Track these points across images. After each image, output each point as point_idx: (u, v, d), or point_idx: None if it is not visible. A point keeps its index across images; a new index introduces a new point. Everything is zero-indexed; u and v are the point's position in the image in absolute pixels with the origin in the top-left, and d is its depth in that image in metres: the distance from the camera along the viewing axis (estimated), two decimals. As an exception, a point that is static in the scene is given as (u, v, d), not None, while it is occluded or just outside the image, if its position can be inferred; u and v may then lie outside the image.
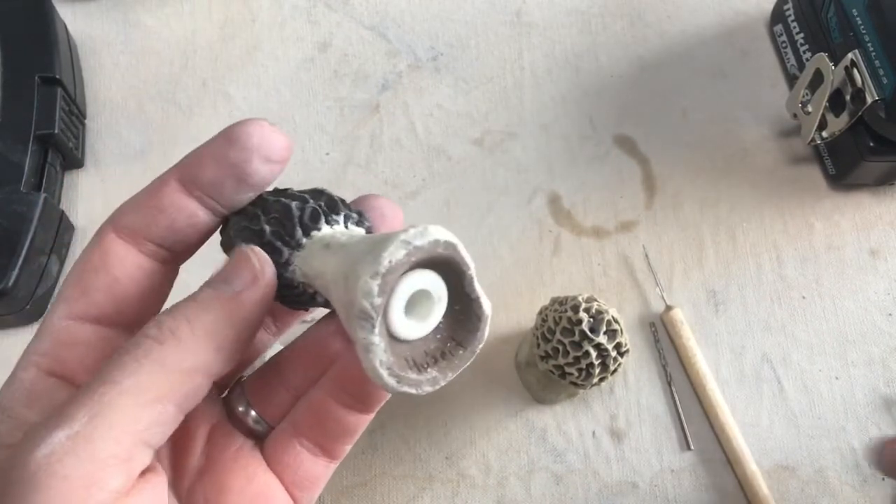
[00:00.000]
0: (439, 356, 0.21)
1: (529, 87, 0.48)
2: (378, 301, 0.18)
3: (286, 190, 0.23)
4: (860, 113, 0.39)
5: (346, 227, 0.22)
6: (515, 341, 0.41)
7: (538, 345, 0.36)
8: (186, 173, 0.22)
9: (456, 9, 0.50)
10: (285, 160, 0.22)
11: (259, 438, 0.24)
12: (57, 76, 0.43)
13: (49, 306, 0.22)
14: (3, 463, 0.18)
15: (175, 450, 0.23)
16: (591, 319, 0.34)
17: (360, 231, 0.23)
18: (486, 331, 0.21)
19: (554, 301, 0.37)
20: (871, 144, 0.40)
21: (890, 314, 0.42)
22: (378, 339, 0.19)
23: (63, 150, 0.43)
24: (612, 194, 0.45)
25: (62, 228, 0.42)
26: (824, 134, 0.42)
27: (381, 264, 0.18)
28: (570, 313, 0.34)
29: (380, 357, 0.19)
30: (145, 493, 0.18)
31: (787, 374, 0.41)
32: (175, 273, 0.24)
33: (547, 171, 0.45)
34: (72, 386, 0.21)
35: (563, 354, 0.34)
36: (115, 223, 0.22)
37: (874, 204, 0.45)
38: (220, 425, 0.24)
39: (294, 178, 0.45)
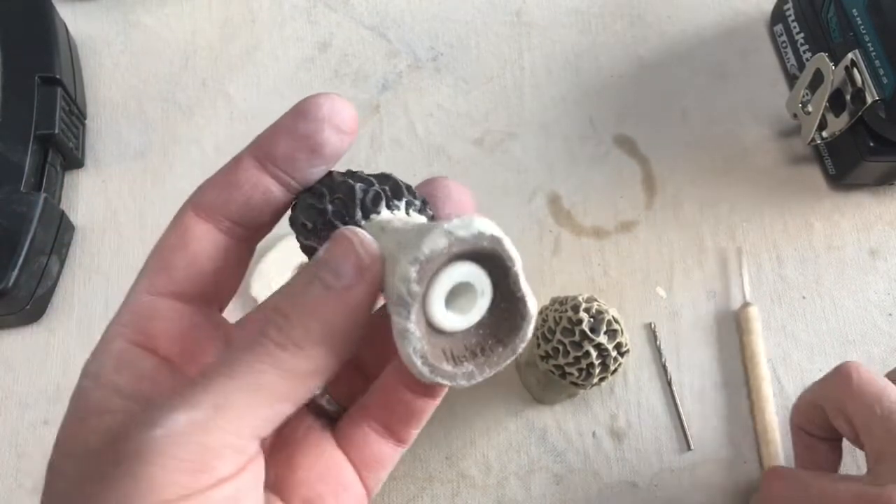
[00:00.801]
0: (479, 351, 0.21)
1: (529, 87, 0.48)
2: (415, 288, 0.19)
3: (356, 172, 0.23)
4: (860, 113, 0.39)
5: (408, 213, 0.22)
6: (515, 341, 0.41)
7: (538, 345, 0.36)
8: (261, 150, 0.23)
9: (456, 9, 0.50)
10: (355, 131, 0.22)
11: (330, 419, 0.25)
12: (57, 76, 0.43)
13: (133, 284, 0.23)
14: (117, 429, 0.19)
15: None
16: (592, 319, 0.34)
17: (422, 219, 0.22)
18: (530, 331, 0.21)
19: (554, 301, 0.37)
20: (871, 144, 0.40)
21: (890, 314, 0.42)
22: (413, 327, 0.19)
23: (63, 150, 0.43)
24: (612, 194, 0.45)
25: (62, 228, 0.42)
26: (824, 134, 0.42)
27: (420, 251, 0.18)
28: (570, 313, 0.34)
29: (414, 345, 0.19)
30: (245, 477, 0.19)
31: (788, 374, 0.41)
32: (251, 251, 0.24)
33: (547, 171, 0.45)
34: (155, 355, 0.22)
35: (564, 354, 0.34)
36: (195, 202, 0.23)
37: (874, 204, 0.45)
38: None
39: (294, 178, 0.45)
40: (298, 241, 0.23)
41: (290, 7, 0.50)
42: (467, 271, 0.20)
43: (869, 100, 0.39)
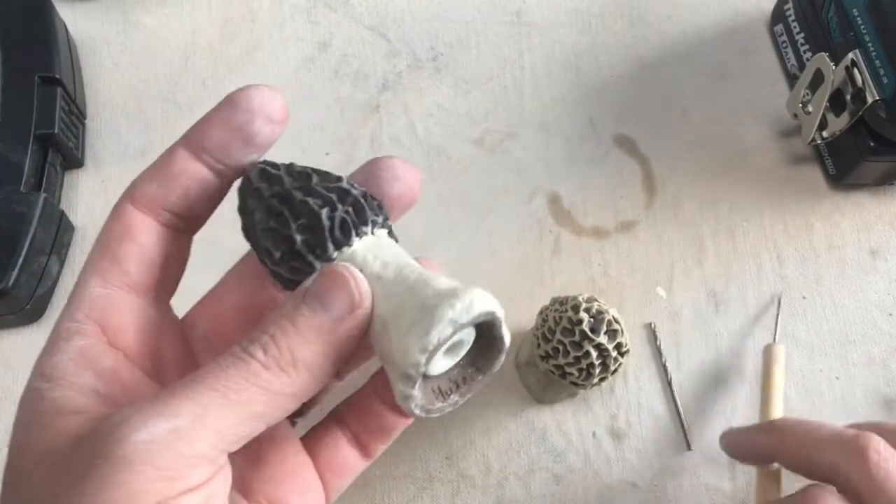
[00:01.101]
0: (461, 381, 0.23)
1: (529, 87, 0.48)
2: (423, 370, 0.20)
3: (300, 171, 0.23)
4: (860, 113, 0.39)
5: (373, 232, 0.23)
6: (515, 341, 0.41)
7: (538, 345, 0.36)
8: (194, 140, 0.23)
9: (456, 9, 0.50)
10: (285, 120, 0.23)
11: (293, 417, 0.25)
12: (57, 76, 0.43)
13: (79, 279, 0.23)
14: (84, 431, 0.19)
15: None
16: (592, 319, 0.34)
17: (391, 248, 0.23)
18: (503, 358, 0.23)
19: (554, 301, 0.37)
20: (872, 144, 0.40)
21: (890, 314, 0.42)
22: (417, 392, 0.21)
23: (63, 150, 0.43)
24: (612, 194, 0.45)
25: (62, 228, 0.42)
26: (824, 134, 0.42)
27: (429, 341, 0.20)
28: (570, 313, 0.34)
29: (414, 402, 0.21)
30: (215, 486, 0.20)
31: (788, 374, 0.41)
32: (190, 242, 0.25)
33: (547, 171, 0.45)
34: (114, 351, 0.22)
35: (564, 354, 0.34)
36: (132, 196, 0.23)
37: (874, 204, 0.45)
38: None
39: (294, 178, 0.45)
40: (262, 262, 0.23)
41: (290, 7, 0.50)
42: (462, 332, 0.21)
43: (869, 100, 0.39)
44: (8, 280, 0.38)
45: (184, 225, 0.24)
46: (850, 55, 0.39)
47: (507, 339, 0.22)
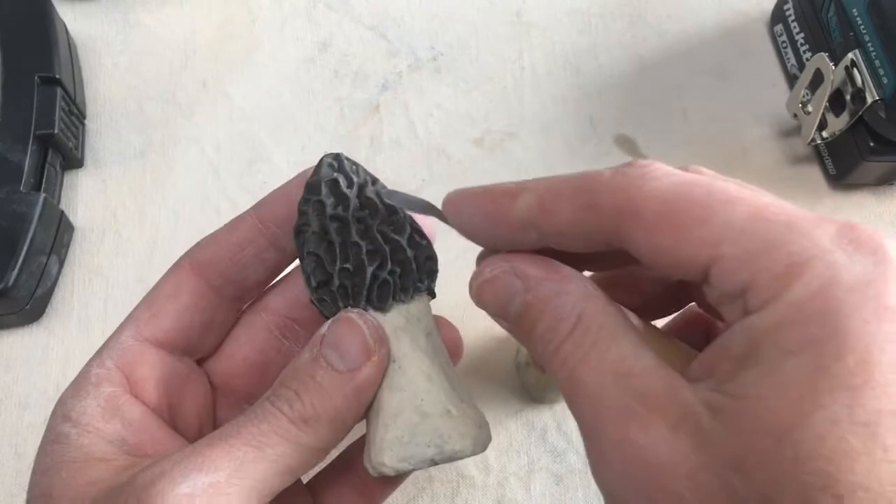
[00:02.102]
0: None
1: (529, 87, 0.48)
2: (391, 473, 0.22)
3: (373, 201, 0.22)
4: (860, 113, 0.39)
5: (414, 297, 0.23)
6: (515, 341, 0.41)
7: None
8: (263, 211, 0.24)
9: (456, 9, 0.50)
10: None
11: None
12: (57, 76, 0.43)
13: (118, 327, 0.24)
14: (115, 480, 0.20)
15: None
16: (592, 319, 0.34)
17: (420, 317, 0.23)
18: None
19: (554, 301, 0.36)
20: (872, 144, 0.40)
21: (890, 314, 0.42)
22: (386, 472, 0.22)
23: (63, 150, 0.43)
24: (612, 194, 0.45)
25: (62, 228, 0.42)
26: (824, 134, 0.42)
27: (403, 467, 0.21)
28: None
29: (382, 473, 0.22)
30: None
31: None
32: (239, 310, 0.25)
33: (547, 172, 0.45)
34: (141, 403, 0.22)
35: (564, 354, 0.34)
36: (192, 256, 0.24)
37: (874, 204, 0.45)
38: None
39: (294, 178, 0.45)
40: (304, 275, 0.23)
41: (290, 7, 0.50)
42: None
43: (869, 100, 0.39)
44: (8, 280, 0.38)
45: (236, 292, 0.24)
46: (850, 55, 0.39)
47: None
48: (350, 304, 0.22)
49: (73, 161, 0.44)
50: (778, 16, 0.47)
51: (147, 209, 0.44)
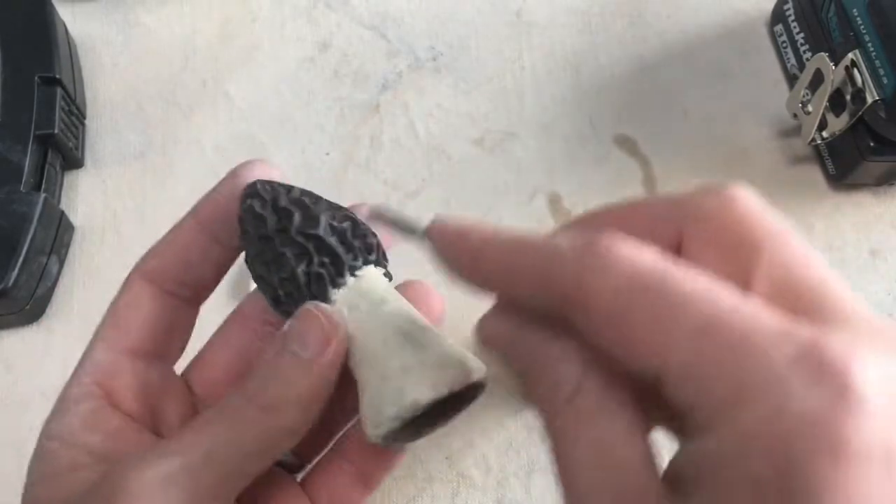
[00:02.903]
0: (439, 421, 0.24)
1: (529, 87, 0.48)
2: (385, 432, 0.22)
3: (288, 209, 0.24)
4: (860, 113, 0.39)
5: (354, 275, 0.24)
6: (515, 341, 0.41)
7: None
8: (201, 212, 0.25)
9: (456, 9, 0.50)
10: None
11: (293, 470, 0.27)
12: (57, 76, 0.43)
13: (89, 343, 0.25)
14: (93, 479, 0.21)
15: None
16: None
17: (371, 286, 0.24)
18: (481, 394, 0.25)
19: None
20: (872, 144, 0.40)
21: (890, 314, 0.42)
22: (382, 436, 0.22)
23: (63, 150, 0.43)
24: (612, 194, 0.45)
25: (62, 228, 0.42)
26: (824, 134, 0.42)
27: (387, 424, 0.21)
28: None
29: (381, 439, 0.22)
30: None
31: (788, 374, 0.41)
32: (196, 310, 0.27)
33: (547, 172, 0.45)
34: (119, 412, 0.24)
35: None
36: (140, 269, 0.25)
37: (874, 204, 0.45)
38: None
39: (295, 179, 0.44)
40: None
41: (290, 7, 0.50)
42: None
43: (869, 100, 0.39)
44: (8, 280, 0.38)
45: (191, 294, 0.25)
46: (850, 55, 0.39)
47: (482, 380, 0.23)
48: (299, 305, 0.23)
49: (73, 161, 0.44)
50: (778, 16, 0.47)
51: (147, 209, 0.44)
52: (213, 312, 0.28)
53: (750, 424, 0.14)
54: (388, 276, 0.25)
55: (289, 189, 0.24)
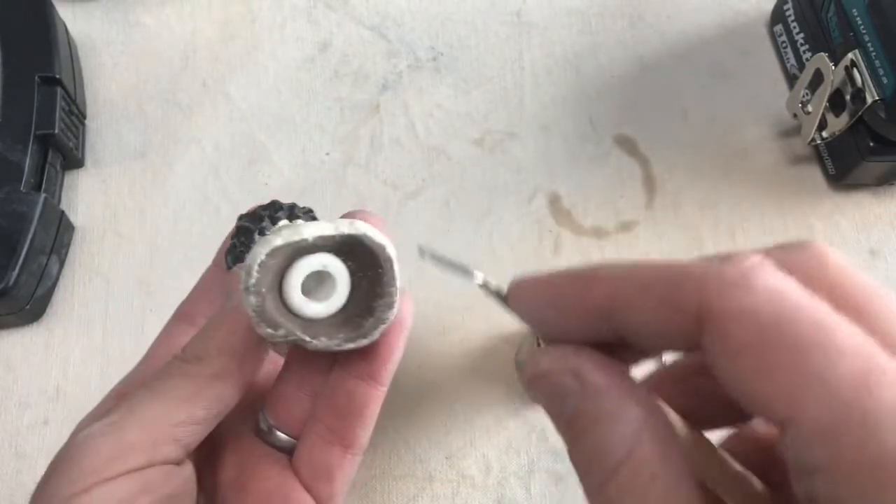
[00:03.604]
0: (351, 327, 0.24)
1: (529, 87, 0.48)
2: (255, 272, 0.22)
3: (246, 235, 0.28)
4: (860, 113, 0.39)
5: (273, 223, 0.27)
6: (515, 341, 0.41)
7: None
8: (218, 259, 0.28)
9: (456, 9, 0.50)
10: None
11: (291, 451, 0.26)
12: (57, 76, 0.43)
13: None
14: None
15: (208, 466, 0.26)
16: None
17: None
18: (395, 304, 0.23)
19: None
20: (872, 144, 0.40)
21: (890, 314, 0.42)
22: (254, 301, 0.22)
23: (63, 150, 0.43)
24: (612, 194, 0.45)
25: (62, 228, 0.42)
26: (824, 134, 0.42)
27: (260, 252, 0.22)
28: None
29: (257, 316, 0.22)
30: (152, 473, 0.22)
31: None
32: None
33: (547, 172, 0.45)
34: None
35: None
36: (175, 315, 0.28)
37: (874, 204, 0.45)
38: (250, 442, 0.26)
39: (295, 179, 0.45)
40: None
41: (290, 7, 0.50)
42: (318, 262, 0.23)
43: (869, 100, 0.39)
44: (8, 280, 0.38)
45: None
46: (850, 55, 0.39)
47: (398, 280, 0.23)
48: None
49: (73, 161, 0.44)
50: (778, 16, 0.47)
51: (147, 209, 0.44)
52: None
53: None
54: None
55: (261, 217, 0.28)
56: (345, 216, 0.27)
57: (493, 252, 0.43)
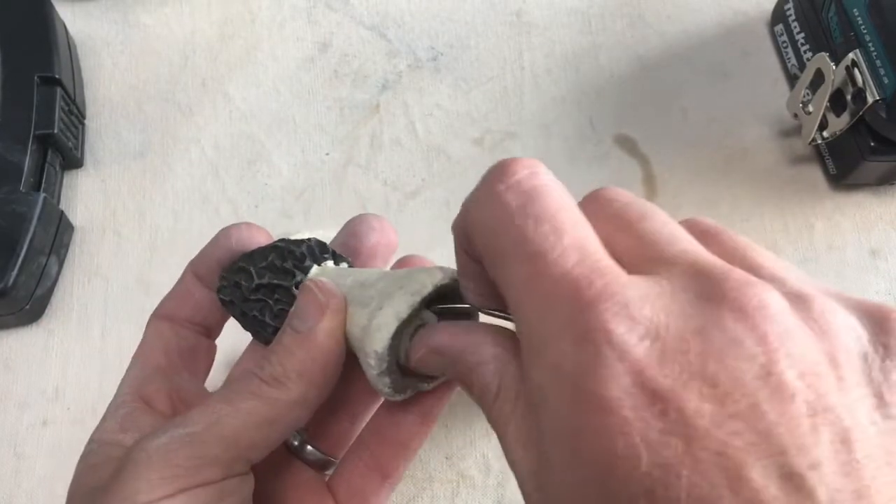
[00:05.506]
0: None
1: (529, 87, 0.47)
2: (385, 346, 0.22)
3: (254, 284, 0.27)
4: (861, 113, 0.39)
5: (306, 275, 0.26)
6: (515, 341, 0.41)
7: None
8: (197, 266, 0.28)
9: (456, 9, 0.50)
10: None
11: (322, 468, 0.27)
12: (56, 76, 0.43)
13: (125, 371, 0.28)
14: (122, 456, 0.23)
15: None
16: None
17: (329, 265, 0.26)
18: None
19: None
20: (872, 144, 0.40)
21: (890, 314, 0.42)
22: (386, 373, 0.23)
23: (63, 150, 0.43)
24: (612, 194, 0.45)
25: (62, 228, 0.42)
26: (825, 134, 0.42)
27: (388, 322, 0.22)
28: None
29: (385, 384, 0.23)
30: (229, 485, 0.22)
31: (788, 374, 0.41)
32: (211, 344, 0.29)
33: (547, 171, 0.45)
34: (155, 411, 0.26)
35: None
36: (156, 313, 0.28)
37: (875, 204, 0.45)
38: (280, 453, 0.27)
39: (294, 179, 0.45)
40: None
41: (290, 7, 0.50)
42: (420, 319, 0.24)
43: (870, 100, 0.38)
44: (7, 280, 0.38)
45: (203, 330, 0.28)
46: (851, 55, 0.39)
47: (453, 279, 0.24)
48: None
49: (72, 161, 0.44)
50: (778, 15, 0.47)
51: (147, 209, 0.44)
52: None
53: (548, 372, 0.17)
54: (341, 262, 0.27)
55: (250, 257, 0.27)
56: (349, 222, 0.28)
57: (493, 252, 0.43)
